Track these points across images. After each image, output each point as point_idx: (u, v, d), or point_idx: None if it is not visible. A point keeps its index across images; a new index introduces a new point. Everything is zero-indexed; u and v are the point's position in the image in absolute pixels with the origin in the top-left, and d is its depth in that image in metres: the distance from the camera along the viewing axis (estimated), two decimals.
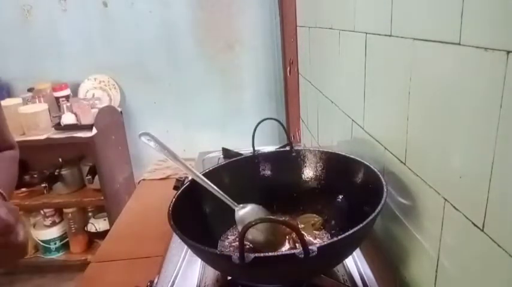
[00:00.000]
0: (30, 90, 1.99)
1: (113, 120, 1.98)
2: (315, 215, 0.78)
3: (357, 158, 0.72)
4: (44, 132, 1.80)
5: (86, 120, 1.81)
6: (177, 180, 1.02)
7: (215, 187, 0.68)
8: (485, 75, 0.41)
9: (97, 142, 1.79)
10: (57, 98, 1.92)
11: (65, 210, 2.01)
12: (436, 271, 0.55)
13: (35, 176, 2.05)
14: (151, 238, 1.28)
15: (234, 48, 2.06)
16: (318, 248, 0.47)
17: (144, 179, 1.94)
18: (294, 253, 0.46)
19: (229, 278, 0.67)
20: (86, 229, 2.02)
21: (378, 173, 0.65)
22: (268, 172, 0.84)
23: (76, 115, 1.82)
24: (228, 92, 2.12)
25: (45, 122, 1.82)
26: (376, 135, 0.76)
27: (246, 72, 2.10)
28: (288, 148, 0.85)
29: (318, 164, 0.81)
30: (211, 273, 0.72)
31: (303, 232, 0.62)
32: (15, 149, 0.77)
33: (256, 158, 0.84)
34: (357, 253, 0.74)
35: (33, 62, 2.04)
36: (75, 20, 1.98)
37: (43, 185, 1.89)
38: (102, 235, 1.69)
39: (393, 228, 0.70)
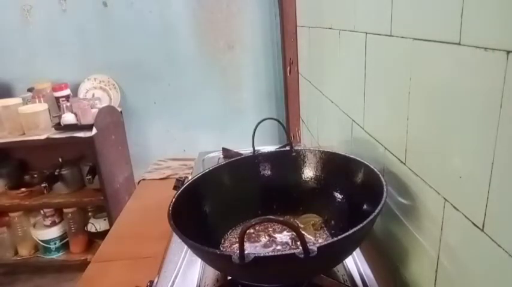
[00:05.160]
0: (30, 90, 1.98)
1: (112, 120, 1.98)
2: (315, 215, 0.78)
3: (357, 158, 0.72)
4: (44, 132, 1.80)
5: (86, 120, 1.81)
6: (177, 180, 1.02)
7: None
8: (485, 75, 0.41)
9: (97, 142, 1.79)
10: (57, 98, 1.92)
11: (65, 210, 2.01)
12: (436, 271, 0.55)
13: (35, 176, 2.05)
14: (151, 238, 1.28)
15: (234, 48, 2.06)
16: (318, 248, 0.47)
17: (144, 179, 1.94)
18: (294, 253, 0.46)
19: (229, 278, 0.67)
20: (86, 229, 2.02)
21: (378, 173, 0.65)
22: (268, 172, 0.84)
23: (76, 115, 1.82)
24: (228, 92, 2.12)
25: (45, 122, 1.82)
26: (376, 136, 0.76)
27: (246, 72, 2.10)
28: (288, 148, 0.85)
29: (318, 164, 0.81)
30: (211, 273, 0.72)
31: (303, 232, 0.62)
32: None
33: (256, 158, 0.84)
34: (357, 253, 0.74)
35: (33, 62, 2.04)
36: (75, 20, 1.98)
37: (43, 185, 1.88)
38: (102, 235, 1.68)
39: (393, 228, 0.70)
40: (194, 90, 2.11)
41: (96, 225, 1.98)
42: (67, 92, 1.96)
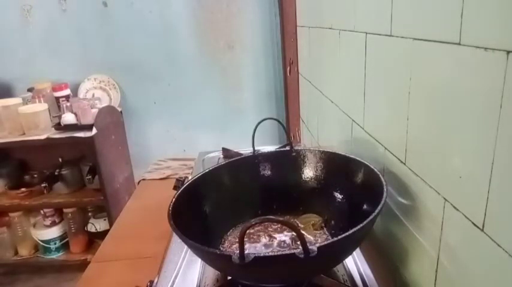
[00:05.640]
0: (30, 90, 1.98)
1: (112, 120, 1.98)
2: (315, 215, 0.78)
3: (357, 158, 0.72)
4: (44, 132, 1.80)
5: (86, 120, 1.81)
6: (177, 180, 1.02)
7: None
8: (485, 75, 0.41)
9: (97, 142, 1.79)
10: (57, 98, 1.92)
11: (65, 210, 2.01)
12: (436, 271, 0.55)
13: (35, 176, 2.05)
14: (151, 238, 1.28)
15: (234, 48, 2.06)
16: (318, 248, 0.47)
17: (144, 179, 1.94)
18: (294, 253, 0.46)
19: (229, 278, 0.67)
20: (86, 229, 2.02)
21: (378, 173, 0.65)
22: (268, 172, 0.84)
23: (76, 115, 1.82)
24: (228, 92, 2.12)
25: (45, 122, 1.82)
26: (376, 136, 0.76)
27: (246, 72, 2.10)
28: (288, 148, 0.85)
29: (318, 164, 0.81)
30: (211, 273, 0.72)
31: (303, 232, 0.62)
32: None
33: (256, 158, 0.84)
34: (357, 253, 0.74)
35: (33, 62, 2.04)
36: (75, 20, 1.98)
37: (43, 185, 1.88)
38: (102, 235, 1.68)
39: (393, 228, 0.70)
40: (194, 90, 2.11)
41: (96, 225, 1.98)
42: (67, 92, 1.96)
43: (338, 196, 0.76)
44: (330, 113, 1.12)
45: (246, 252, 0.47)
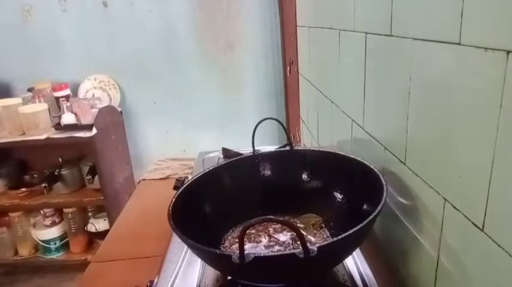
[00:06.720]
0: (30, 90, 1.98)
1: (112, 120, 1.98)
2: (315, 215, 0.78)
3: (357, 158, 0.72)
4: (44, 132, 1.80)
5: (86, 120, 1.81)
6: (177, 180, 1.02)
7: None
8: (485, 75, 0.41)
9: (97, 142, 1.79)
10: (57, 98, 1.92)
11: (65, 210, 2.01)
12: (436, 271, 0.55)
13: (35, 176, 2.05)
14: (151, 238, 1.28)
15: (234, 48, 2.06)
16: (318, 248, 0.47)
17: (144, 179, 1.94)
18: (294, 253, 0.46)
19: (229, 278, 0.67)
20: (85, 229, 2.02)
21: (378, 173, 0.65)
22: (268, 172, 0.84)
23: (76, 115, 1.82)
24: (228, 92, 2.12)
25: (45, 122, 1.82)
26: (376, 135, 0.76)
27: (246, 72, 2.09)
28: (288, 148, 0.85)
29: (318, 164, 0.81)
30: (211, 273, 0.72)
31: (303, 232, 0.62)
32: None
33: (256, 158, 0.84)
34: (357, 253, 0.74)
35: (33, 62, 2.04)
36: (75, 20, 1.98)
37: (43, 185, 1.88)
38: (102, 235, 1.69)
39: (393, 228, 0.70)
40: (194, 90, 2.11)
41: (96, 225, 1.98)
42: (67, 92, 1.96)
43: (338, 196, 0.76)
44: (330, 113, 1.12)
45: (246, 252, 0.47)
